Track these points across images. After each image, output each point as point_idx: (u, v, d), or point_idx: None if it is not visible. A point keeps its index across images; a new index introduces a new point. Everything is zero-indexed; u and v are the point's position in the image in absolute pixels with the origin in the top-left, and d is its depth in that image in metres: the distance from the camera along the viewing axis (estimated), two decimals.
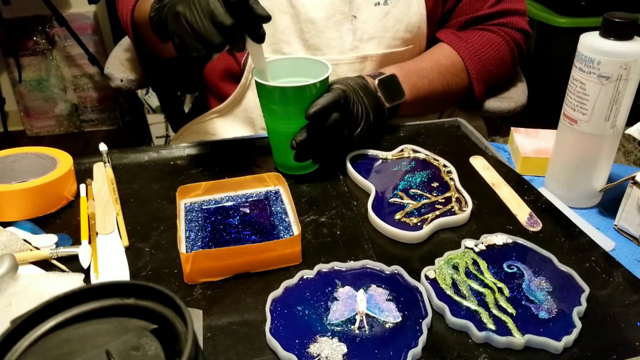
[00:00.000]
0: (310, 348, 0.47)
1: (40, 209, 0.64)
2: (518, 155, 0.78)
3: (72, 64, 2.44)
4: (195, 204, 0.65)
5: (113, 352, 0.29)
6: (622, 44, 0.60)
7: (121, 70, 1.01)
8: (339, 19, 0.86)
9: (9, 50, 2.32)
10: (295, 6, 0.85)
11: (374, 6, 0.86)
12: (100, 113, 2.57)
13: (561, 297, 0.52)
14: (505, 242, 0.59)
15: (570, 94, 0.65)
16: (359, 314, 0.50)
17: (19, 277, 0.53)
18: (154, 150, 0.77)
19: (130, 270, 0.57)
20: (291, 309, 0.51)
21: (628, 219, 0.64)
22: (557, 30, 2.20)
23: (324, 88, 0.67)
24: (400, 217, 0.63)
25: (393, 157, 0.75)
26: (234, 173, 0.72)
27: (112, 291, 0.32)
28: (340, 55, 0.87)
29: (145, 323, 0.31)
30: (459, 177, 0.70)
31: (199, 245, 0.58)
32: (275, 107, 0.67)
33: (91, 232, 0.61)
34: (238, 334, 0.49)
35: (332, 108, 0.66)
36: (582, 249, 0.59)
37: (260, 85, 0.67)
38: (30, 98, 2.47)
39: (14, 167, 0.67)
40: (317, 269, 0.55)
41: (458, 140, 0.82)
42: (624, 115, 0.64)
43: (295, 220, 0.61)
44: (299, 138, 0.67)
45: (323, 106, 0.65)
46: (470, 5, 0.92)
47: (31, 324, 0.30)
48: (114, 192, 0.68)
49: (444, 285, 0.53)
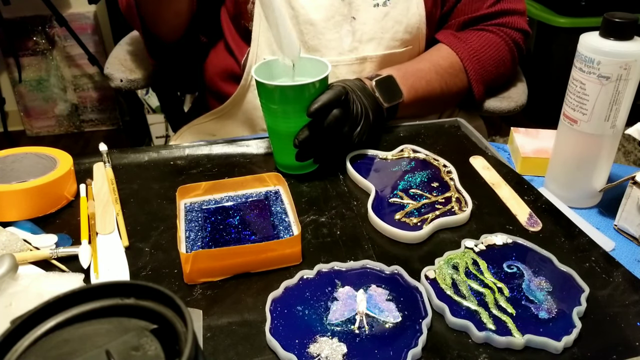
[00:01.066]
0: (310, 348, 0.47)
1: (40, 209, 0.64)
2: (518, 155, 0.78)
3: (72, 64, 2.44)
4: (195, 204, 0.65)
5: (113, 352, 0.29)
6: (622, 44, 0.60)
7: (121, 70, 1.01)
8: (338, 21, 0.86)
9: (9, 50, 2.32)
10: (295, 8, 0.85)
11: (373, 7, 0.86)
12: (100, 113, 2.57)
13: (561, 297, 0.52)
14: (505, 242, 0.59)
15: (570, 94, 0.65)
16: (359, 314, 0.50)
17: (19, 277, 0.53)
18: (154, 150, 0.77)
19: (130, 270, 0.57)
20: (291, 309, 0.51)
21: (628, 219, 0.64)
22: (557, 30, 2.20)
23: (324, 87, 0.67)
24: (400, 217, 0.63)
25: (393, 157, 0.75)
26: (234, 173, 0.72)
27: (112, 291, 0.32)
28: (339, 56, 0.87)
29: (145, 323, 0.31)
30: (459, 177, 0.70)
31: (199, 245, 0.58)
32: (275, 107, 0.67)
33: (91, 232, 0.61)
34: (238, 334, 0.49)
35: (333, 104, 0.66)
36: (582, 249, 0.59)
37: (260, 85, 0.67)
38: (30, 98, 2.47)
39: (14, 167, 0.67)
40: (317, 269, 0.55)
41: (458, 140, 0.82)
42: (624, 115, 0.64)
43: (295, 220, 0.61)
44: (300, 136, 0.67)
45: (324, 103, 0.65)
46: (469, 5, 0.92)
47: (31, 324, 0.30)
48: (114, 192, 0.68)
49: (443, 285, 0.53)
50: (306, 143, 0.67)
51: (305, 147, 0.68)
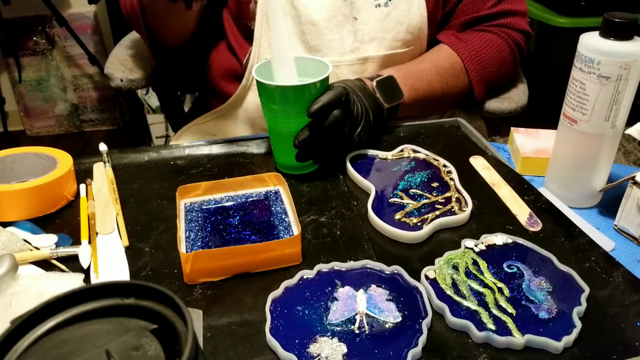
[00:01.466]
0: (310, 348, 0.47)
1: (40, 209, 0.64)
2: (518, 155, 0.78)
3: (72, 64, 2.44)
4: (195, 204, 0.65)
5: (113, 352, 0.29)
6: (622, 44, 0.60)
7: (121, 70, 1.01)
8: (339, 21, 0.86)
9: (9, 50, 2.32)
10: (297, 8, 0.85)
11: (375, 8, 0.86)
12: (100, 113, 2.57)
13: (561, 297, 0.52)
14: (505, 242, 0.59)
15: (570, 94, 0.65)
16: (359, 314, 0.50)
17: (19, 277, 0.53)
18: (154, 150, 0.77)
19: (130, 270, 0.57)
20: (291, 309, 0.51)
21: (628, 219, 0.64)
22: (557, 30, 2.20)
23: (325, 87, 0.67)
24: (400, 217, 0.63)
25: (393, 157, 0.75)
26: (234, 173, 0.72)
27: (112, 291, 0.32)
28: (341, 56, 0.87)
29: (145, 323, 0.31)
30: (459, 177, 0.70)
31: (199, 245, 0.58)
32: (275, 107, 0.67)
33: (91, 232, 0.61)
34: (238, 334, 0.49)
35: (334, 105, 0.66)
36: (582, 249, 0.59)
37: (260, 85, 0.67)
38: (30, 98, 2.47)
39: (14, 167, 0.67)
40: (317, 269, 0.55)
41: (458, 140, 0.82)
42: (624, 115, 0.64)
43: (295, 220, 0.61)
44: (301, 137, 0.67)
45: (325, 103, 0.65)
46: (470, 6, 0.92)
47: (31, 324, 0.30)
48: (114, 192, 0.68)
49: (444, 285, 0.53)
50: (306, 143, 0.67)
51: (306, 148, 0.68)
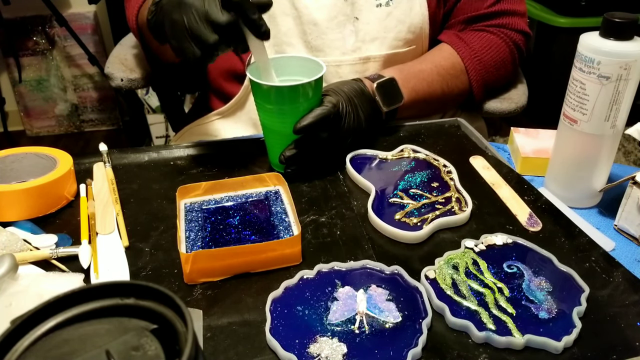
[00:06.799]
0: (310, 348, 0.47)
1: (40, 209, 0.64)
2: (518, 155, 0.78)
3: (72, 64, 2.44)
4: (195, 204, 0.65)
5: (113, 352, 0.29)
6: (622, 44, 0.60)
7: (121, 70, 1.01)
8: (341, 21, 0.86)
9: (9, 50, 2.32)
10: (298, 8, 0.85)
11: (376, 7, 0.86)
12: (100, 113, 2.57)
13: (561, 297, 0.52)
14: (505, 242, 0.59)
15: (570, 94, 0.65)
16: (359, 314, 0.50)
17: (19, 277, 0.53)
18: (154, 150, 0.77)
19: (130, 270, 0.57)
20: (291, 309, 0.51)
21: (628, 219, 0.64)
22: (557, 30, 2.20)
23: (319, 87, 0.68)
24: (400, 217, 0.63)
25: (393, 157, 0.75)
26: (234, 173, 0.72)
27: (112, 291, 0.32)
28: (342, 56, 0.87)
29: (145, 323, 0.31)
30: (459, 177, 0.70)
31: (199, 245, 0.58)
32: (270, 107, 0.67)
33: (91, 232, 0.61)
34: (238, 334, 0.49)
35: (320, 124, 0.67)
36: (582, 249, 0.59)
37: (255, 85, 0.67)
38: (30, 98, 2.47)
39: (14, 167, 0.67)
40: (317, 269, 0.55)
41: (458, 140, 0.82)
42: (624, 115, 0.64)
43: (295, 220, 0.61)
44: (287, 153, 0.69)
45: (310, 123, 0.67)
46: (469, 4, 0.92)
47: (31, 324, 0.30)
48: (114, 192, 0.68)
49: (444, 285, 0.53)
50: (293, 160, 0.69)
51: (292, 164, 0.70)
